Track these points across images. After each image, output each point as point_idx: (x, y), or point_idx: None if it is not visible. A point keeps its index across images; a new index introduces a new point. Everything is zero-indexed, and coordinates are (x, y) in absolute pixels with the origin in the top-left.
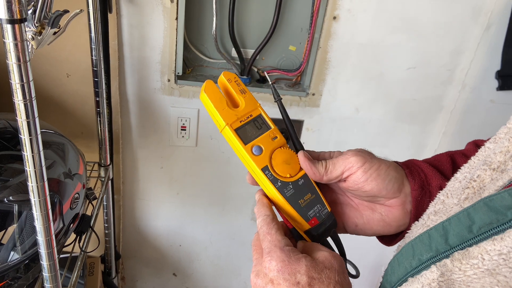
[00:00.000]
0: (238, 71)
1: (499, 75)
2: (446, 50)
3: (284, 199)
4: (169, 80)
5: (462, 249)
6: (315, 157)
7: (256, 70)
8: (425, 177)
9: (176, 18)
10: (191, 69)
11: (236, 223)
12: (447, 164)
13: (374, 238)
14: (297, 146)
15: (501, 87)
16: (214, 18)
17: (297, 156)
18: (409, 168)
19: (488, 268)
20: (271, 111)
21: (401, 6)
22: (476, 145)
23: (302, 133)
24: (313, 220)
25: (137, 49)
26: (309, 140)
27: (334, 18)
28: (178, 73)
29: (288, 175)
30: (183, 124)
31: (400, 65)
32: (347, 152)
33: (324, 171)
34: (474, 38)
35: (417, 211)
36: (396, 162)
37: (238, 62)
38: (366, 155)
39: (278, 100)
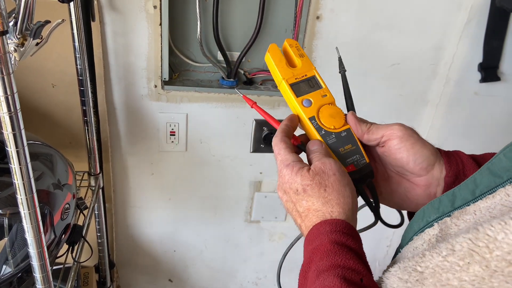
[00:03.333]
0: (225, 74)
1: (482, 67)
2: (428, 45)
3: (326, 145)
4: (156, 86)
5: (461, 208)
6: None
7: (242, 72)
8: (462, 168)
9: (160, 24)
10: (177, 74)
11: (230, 225)
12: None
13: (369, 235)
14: (349, 108)
15: (484, 79)
16: (198, 22)
17: (343, 113)
18: (448, 156)
19: (476, 220)
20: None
21: (382, 4)
22: None
23: None
24: (350, 166)
25: (122, 57)
26: None
27: (318, 17)
28: (165, 78)
29: (332, 127)
30: (172, 129)
31: (384, 62)
32: (394, 123)
33: (367, 129)
34: (456, 32)
35: None
36: (438, 148)
37: (224, 65)
38: (409, 129)
39: (342, 71)
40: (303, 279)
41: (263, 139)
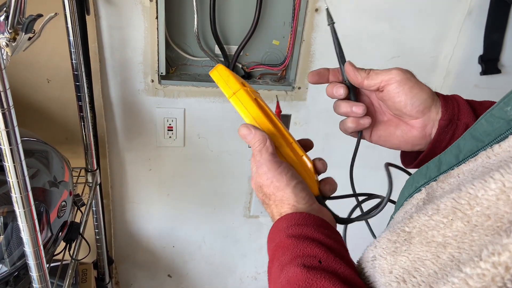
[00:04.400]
0: None
1: (482, 60)
2: (428, 37)
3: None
4: (152, 81)
5: (446, 173)
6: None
7: (240, 66)
8: (458, 112)
9: (156, 17)
10: (174, 68)
11: (228, 220)
12: (485, 110)
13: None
14: (341, 61)
15: (484, 72)
16: (195, 16)
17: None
18: (446, 99)
19: (459, 183)
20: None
21: None
22: None
23: (290, 128)
24: None
25: (118, 51)
26: (297, 134)
27: (316, 10)
28: (162, 73)
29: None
30: (170, 124)
31: (384, 55)
32: (392, 68)
33: (366, 75)
34: (456, 24)
35: (439, 138)
36: (436, 92)
37: (222, 59)
38: (407, 73)
39: (331, 24)
40: (269, 275)
41: None
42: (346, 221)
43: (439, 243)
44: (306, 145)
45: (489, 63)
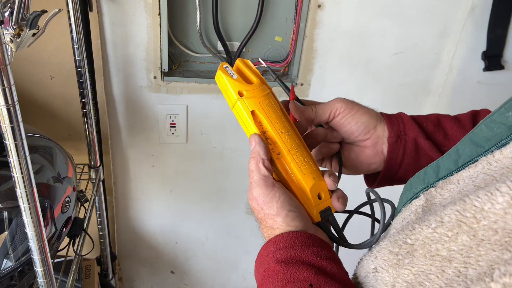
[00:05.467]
0: None
1: (485, 55)
2: (431, 33)
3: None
4: (155, 77)
5: (445, 178)
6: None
7: None
8: (403, 127)
9: (159, 14)
10: (177, 65)
11: (231, 217)
12: (430, 123)
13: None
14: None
15: (487, 68)
16: (198, 12)
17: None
18: (390, 118)
19: (460, 189)
20: None
21: None
22: (473, 116)
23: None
24: None
25: (121, 47)
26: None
27: (319, 6)
28: (164, 69)
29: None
30: (172, 121)
31: (386, 51)
32: (333, 100)
33: (314, 115)
34: (459, 20)
35: (391, 156)
36: (381, 112)
37: (225, 56)
38: (348, 102)
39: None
40: None
41: None
42: (345, 246)
43: (443, 257)
44: (317, 136)
45: (492, 59)
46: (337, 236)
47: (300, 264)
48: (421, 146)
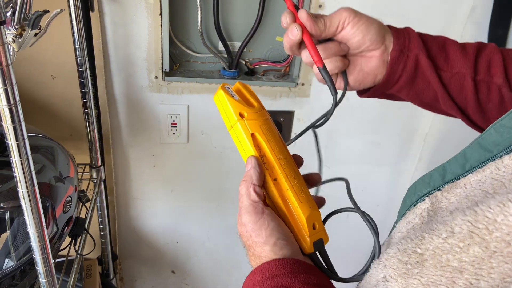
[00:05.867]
0: (226, 64)
1: None
2: (432, 33)
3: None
4: (156, 77)
5: (451, 182)
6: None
7: (244, 62)
8: (408, 43)
9: (160, 14)
10: (178, 65)
11: (232, 216)
12: (436, 44)
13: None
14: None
15: None
16: (199, 12)
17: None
18: (398, 32)
19: (467, 194)
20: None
21: None
22: (478, 47)
23: (293, 124)
24: None
25: (122, 47)
26: (300, 130)
27: (320, 6)
28: (165, 69)
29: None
30: (173, 121)
31: None
32: (337, 10)
33: (324, 27)
34: (460, 20)
35: (391, 70)
36: (388, 25)
37: (226, 56)
38: (354, 11)
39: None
40: None
41: None
42: (338, 279)
43: (454, 268)
44: (297, 162)
45: None
46: (327, 268)
47: None
48: (420, 64)
